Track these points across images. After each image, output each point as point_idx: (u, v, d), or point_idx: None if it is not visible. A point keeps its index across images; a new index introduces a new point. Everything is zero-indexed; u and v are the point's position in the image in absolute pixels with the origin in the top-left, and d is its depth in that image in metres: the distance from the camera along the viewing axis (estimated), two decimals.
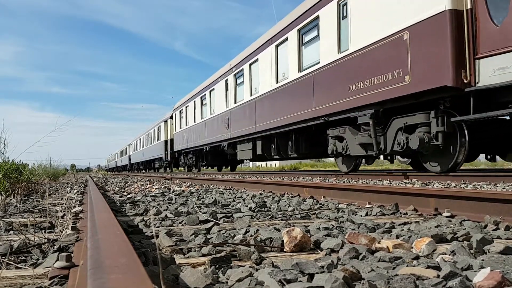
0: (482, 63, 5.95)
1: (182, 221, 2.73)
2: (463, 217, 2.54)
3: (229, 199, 4.47)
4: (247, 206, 3.58)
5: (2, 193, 4.55)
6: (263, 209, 3.45)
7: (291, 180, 8.15)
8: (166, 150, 27.95)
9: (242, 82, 14.93)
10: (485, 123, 7.51)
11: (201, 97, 20.37)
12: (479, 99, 6.17)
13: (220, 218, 2.83)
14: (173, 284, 1.23)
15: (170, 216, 2.98)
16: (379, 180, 7.57)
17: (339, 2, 8.84)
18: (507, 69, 5.58)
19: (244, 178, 9.15)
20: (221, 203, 3.99)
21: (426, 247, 1.64)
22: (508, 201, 2.42)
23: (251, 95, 13.86)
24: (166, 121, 28.25)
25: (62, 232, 2.08)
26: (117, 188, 7.60)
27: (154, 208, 3.52)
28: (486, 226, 2.26)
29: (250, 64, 14.06)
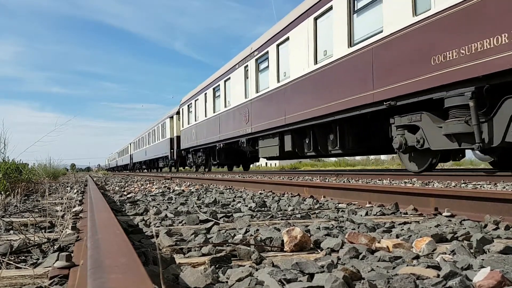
0: None
1: (182, 220, 2.73)
2: (463, 217, 2.54)
3: (229, 198, 4.47)
4: (247, 206, 3.58)
5: (2, 192, 4.55)
6: (263, 208, 3.45)
7: (291, 179, 8.15)
8: (171, 148, 26.20)
9: (266, 67, 12.68)
10: None
11: (213, 88, 18.07)
12: None
13: (220, 218, 2.83)
14: (173, 284, 1.23)
15: (170, 216, 2.98)
16: (379, 180, 7.57)
17: None
18: None
19: (244, 177, 9.15)
20: (221, 202, 3.99)
21: (426, 246, 1.64)
22: (508, 200, 2.42)
23: (278, 81, 11.73)
24: (171, 117, 26.53)
25: (62, 231, 2.08)
26: (117, 188, 7.60)
27: (154, 207, 3.52)
28: (486, 226, 2.27)
29: (278, 45, 11.78)
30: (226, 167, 22.29)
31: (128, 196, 5.22)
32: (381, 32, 7.51)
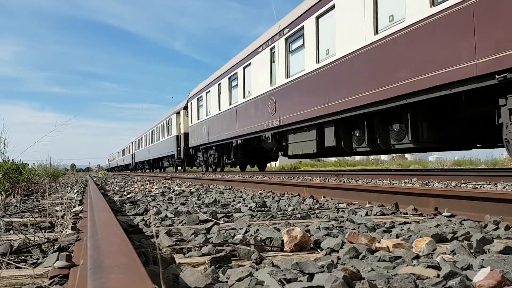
0: None
1: (182, 220, 2.73)
2: (463, 217, 2.54)
3: (229, 198, 4.47)
4: (247, 206, 3.58)
5: (2, 193, 4.55)
6: (263, 208, 3.45)
7: (291, 180, 8.15)
8: (178, 146, 24.25)
9: (300, 46, 10.48)
10: None
11: (229, 77, 15.86)
12: None
13: (220, 218, 2.83)
14: (173, 284, 1.23)
15: (170, 216, 2.98)
16: (379, 180, 7.57)
17: None
18: None
19: (244, 178, 9.15)
20: (221, 202, 3.99)
21: (426, 246, 1.64)
22: (508, 200, 2.42)
23: (318, 61, 9.54)
24: (178, 112, 24.52)
25: (62, 231, 2.08)
26: (117, 188, 7.60)
27: (154, 207, 3.52)
28: (486, 226, 2.27)
29: (317, 18, 9.55)
30: (238, 166, 20.43)
31: (128, 196, 5.22)
32: None
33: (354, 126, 8.85)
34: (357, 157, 39.00)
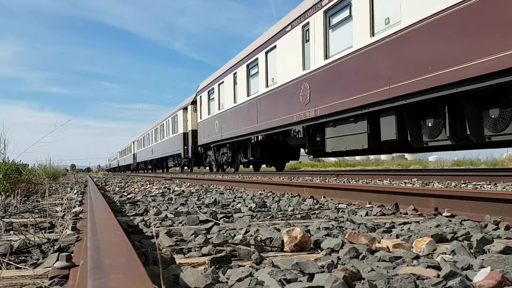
0: None
1: (182, 221, 2.73)
2: (463, 217, 2.54)
3: (229, 199, 4.47)
4: (247, 206, 3.58)
5: (2, 193, 4.55)
6: (263, 209, 3.45)
7: (291, 180, 8.15)
8: (185, 144, 22.44)
9: (345, 19, 8.63)
10: None
11: (247, 65, 13.91)
12: None
13: (220, 218, 2.83)
14: (173, 284, 1.23)
15: (170, 216, 2.98)
16: (379, 180, 7.57)
17: None
18: None
19: (244, 178, 9.15)
20: (221, 203, 3.99)
21: (426, 246, 1.64)
22: (508, 200, 2.42)
23: (372, 35, 7.71)
24: (185, 108, 22.66)
25: (62, 232, 2.08)
26: (117, 188, 7.60)
27: (154, 208, 3.52)
28: (486, 226, 2.27)
29: None
30: (252, 166, 18.58)
31: (128, 196, 5.22)
32: None
33: (425, 114, 7.06)
34: (357, 157, 38.97)
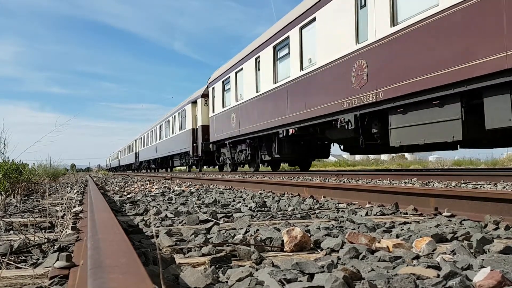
0: None
1: (182, 221, 2.73)
2: (463, 217, 2.54)
3: (229, 199, 4.47)
4: (247, 206, 3.58)
5: (2, 193, 4.55)
6: (263, 209, 3.45)
7: (291, 180, 8.15)
8: (194, 141, 20.53)
9: None
10: None
11: (274, 46, 12.05)
12: None
13: (220, 218, 2.83)
14: (173, 284, 1.23)
15: (170, 216, 2.98)
16: (379, 180, 7.57)
17: None
18: None
19: (244, 178, 9.15)
20: (221, 203, 3.99)
21: (426, 246, 1.64)
22: (508, 200, 2.42)
23: None
24: (194, 102, 20.81)
25: (62, 232, 2.08)
26: (117, 188, 7.60)
27: (154, 208, 3.52)
28: (486, 226, 2.27)
29: None
30: (270, 166, 16.60)
31: (128, 196, 5.22)
32: None
33: None
34: (357, 157, 38.94)
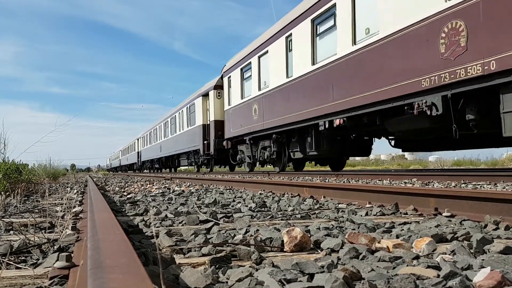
0: None
1: (182, 221, 2.73)
2: (463, 217, 2.54)
3: (229, 199, 4.47)
4: (247, 206, 3.58)
5: (2, 193, 4.55)
6: (263, 209, 3.45)
7: (291, 180, 8.15)
8: (205, 138, 18.71)
9: None
10: None
11: (312, 20, 9.89)
12: None
13: (220, 218, 2.83)
14: (173, 284, 1.23)
15: (170, 216, 2.98)
16: (379, 180, 7.57)
17: None
18: None
19: (244, 178, 9.14)
20: (221, 203, 3.99)
21: (426, 246, 1.64)
22: (508, 200, 2.42)
23: None
24: (205, 94, 18.88)
25: (62, 232, 2.08)
26: (117, 188, 7.60)
27: (154, 208, 3.52)
28: (486, 226, 2.27)
29: None
30: (292, 165, 14.64)
31: (128, 196, 5.22)
32: None
33: None
34: (357, 158, 38.86)
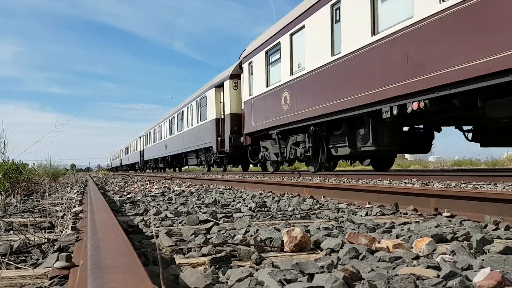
0: None
1: (182, 221, 2.73)
2: (463, 217, 2.54)
3: (229, 199, 4.47)
4: (247, 206, 3.58)
5: (2, 193, 4.55)
6: (263, 209, 3.45)
7: (291, 180, 8.15)
8: (219, 134, 16.85)
9: None
10: None
11: None
12: None
13: (220, 218, 2.83)
14: (173, 284, 1.23)
15: (170, 216, 2.98)
16: (379, 180, 7.57)
17: None
18: None
19: (244, 178, 9.14)
20: (221, 203, 3.99)
21: (426, 247, 1.64)
22: (508, 201, 2.42)
23: None
24: (220, 85, 16.88)
25: (62, 232, 2.08)
26: (117, 188, 7.60)
27: (154, 208, 3.52)
28: (486, 226, 2.26)
29: None
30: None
31: (128, 196, 5.22)
32: None
33: None
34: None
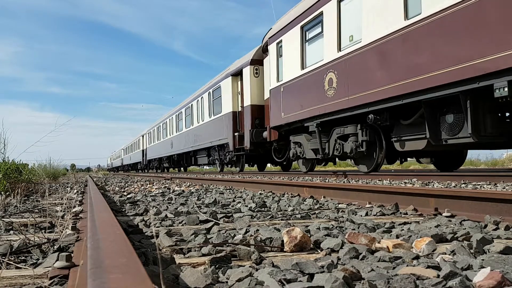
0: None
1: (182, 221, 2.73)
2: (463, 217, 2.54)
3: (229, 199, 4.47)
4: (247, 206, 3.58)
5: (2, 193, 4.55)
6: (263, 209, 3.45)
7: (291, 180, 8.15)
8: (236, 130, 14.75)
9: None
10: None
11: None
12: None
13: (220, 218, 2.83)
14: (173, 284, 1.23)
15: (170, 216, 2.98)
16: (379, 180, 7.57)
17: None
18: None
19: (244, 178, 9.14)
20: (221, 203, 3.99)
21: (426, 247, 1.64)
22: (508, 201, 2.42)
23: None
24: (237, 73, 14.74)
25: (62, 232, 2.08)
26: (117, 188, 7.60)
27: (154, 208, 3.52)
28: (486, 226, 2.27)
29: None
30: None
31: (128, 196, 5.22)
32: None
33: None
34: None
